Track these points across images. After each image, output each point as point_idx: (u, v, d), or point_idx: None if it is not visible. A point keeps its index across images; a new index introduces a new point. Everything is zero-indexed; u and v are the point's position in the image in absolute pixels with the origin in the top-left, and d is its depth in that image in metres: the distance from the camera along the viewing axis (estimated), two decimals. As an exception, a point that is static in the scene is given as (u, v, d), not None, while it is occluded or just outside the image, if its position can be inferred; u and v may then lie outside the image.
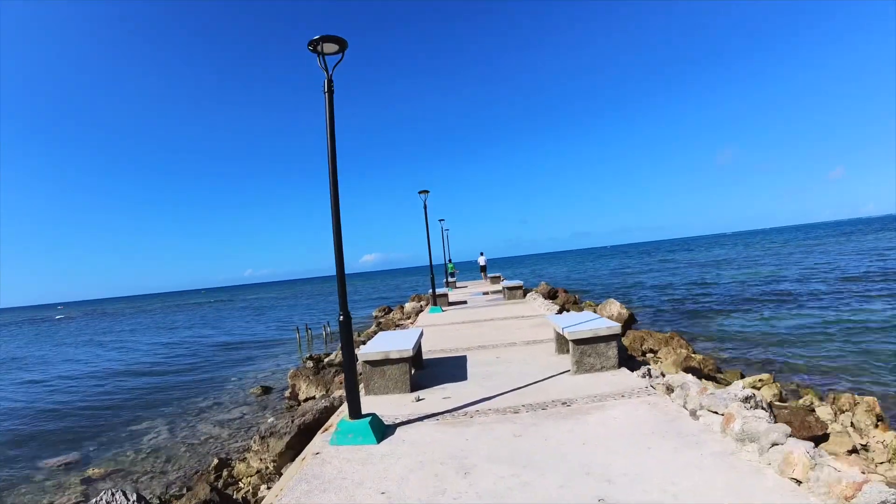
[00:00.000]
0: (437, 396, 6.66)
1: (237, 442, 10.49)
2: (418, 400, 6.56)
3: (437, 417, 5.79)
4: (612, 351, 6.77)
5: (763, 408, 4.70)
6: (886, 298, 18.65)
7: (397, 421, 5.80)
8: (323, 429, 6.25)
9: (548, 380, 6.80)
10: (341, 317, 5.34)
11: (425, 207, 17.30)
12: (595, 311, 17.17)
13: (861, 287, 22.16)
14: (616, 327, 6.82)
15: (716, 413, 4.73)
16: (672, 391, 5.64)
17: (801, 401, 8.20)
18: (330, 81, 5.50)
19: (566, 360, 7.66)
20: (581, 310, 19.62)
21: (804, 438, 6.15)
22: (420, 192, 16.91)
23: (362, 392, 7.23)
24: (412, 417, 5.86)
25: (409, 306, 24.12)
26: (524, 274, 66.55)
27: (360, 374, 7.58)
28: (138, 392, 17.10)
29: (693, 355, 10.34)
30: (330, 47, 5.40)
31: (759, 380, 9.23)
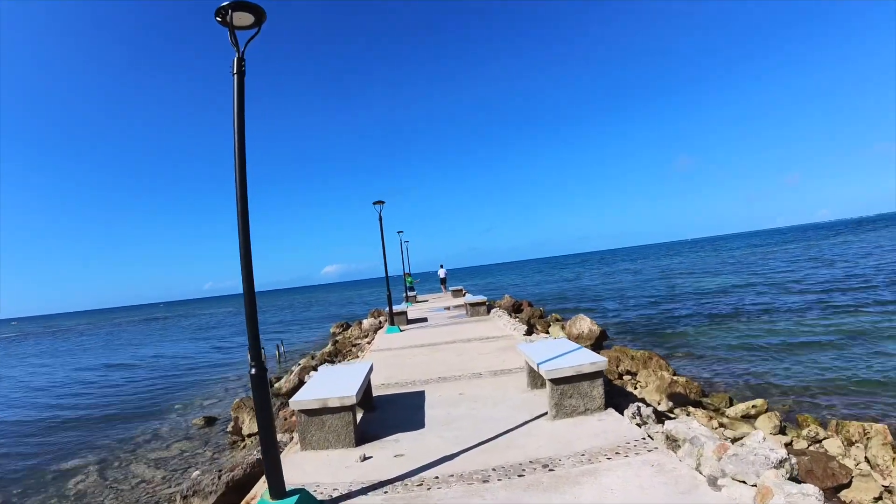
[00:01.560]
0: (388, 453, 5.40)
1: (170, 487, 9.25)
2: (364, 459, 5.27)
3: (385, 488, 4.53)
4: (597, 391, 5.61)
5: (801, 479, 3.61)
6: (858, 308, 18.33)
7: (335, 494, 4.52)
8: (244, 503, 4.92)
9: (522, 427, 5.60)
10: (253, 369, 4.01)
11: (380, 219, 16.03)
12: (563, 328, 16.20)
13: (829, 296, 21.93)
14: (602, 363, 5.67)
15: (743, 483, 3.65)
16: (677, 444, 4.54)
17: (803, 431, 7.29)
18: (241, 60, 4.24)
19: (541, 397, 6.52)
20: (548, 325, 18.63)
21: (831, 489, 5.18)
22: (375, 203, 15.62)
23: (297, 447, 5.91)
24: (353, 488, 4.58)
25: (367, 323, 22.82)
26: (486, 284, 65.74)
27: (295, 423, 6.28)
28: (71, 423, 15.38)
29: (676, 378, 9.39)
30: (242, 18, 4.16)
31: (753, 406, 8.33)
